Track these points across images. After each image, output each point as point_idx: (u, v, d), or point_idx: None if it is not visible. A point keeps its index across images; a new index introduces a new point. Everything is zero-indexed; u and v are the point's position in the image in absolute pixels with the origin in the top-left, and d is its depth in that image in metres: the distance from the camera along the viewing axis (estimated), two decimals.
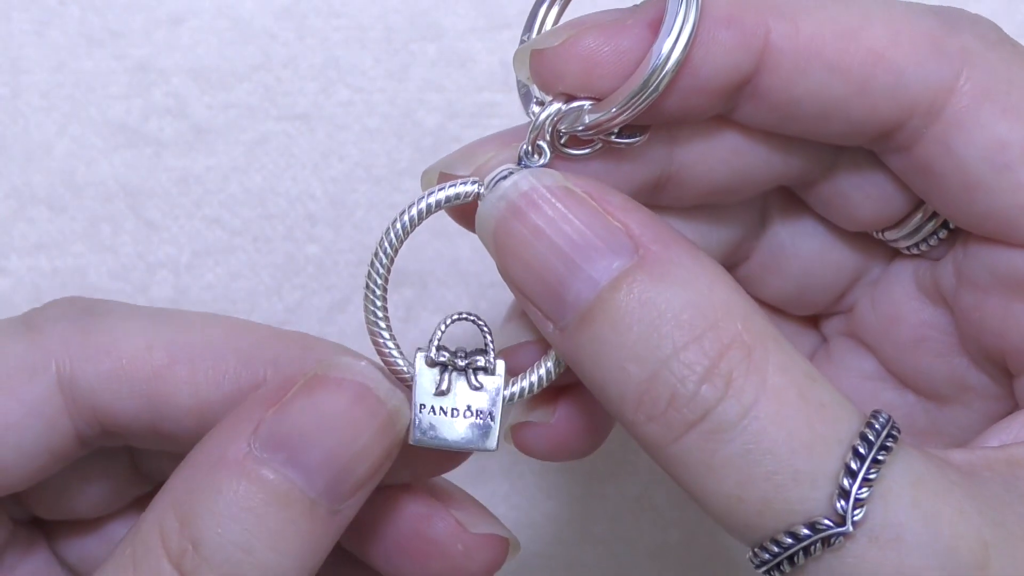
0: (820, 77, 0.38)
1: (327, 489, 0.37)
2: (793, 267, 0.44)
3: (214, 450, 0.37)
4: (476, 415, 0.39)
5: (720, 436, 0.35)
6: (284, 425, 0.37)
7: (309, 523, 0.37)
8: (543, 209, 0.37)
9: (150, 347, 0.41)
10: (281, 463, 0.37)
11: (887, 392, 0.44)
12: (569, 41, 0.38)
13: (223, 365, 0.41)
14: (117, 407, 0.41)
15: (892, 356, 0.44)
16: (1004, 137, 0.38)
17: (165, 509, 0.37)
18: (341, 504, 0.37)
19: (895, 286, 0.44)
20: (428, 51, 0.58)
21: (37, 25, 0.57)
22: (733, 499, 0.36)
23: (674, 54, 0.37)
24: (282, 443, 0.37)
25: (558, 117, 0.39)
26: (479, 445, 0.39)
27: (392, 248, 0.39)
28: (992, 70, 0.38)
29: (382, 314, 0.40)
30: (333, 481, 0.37)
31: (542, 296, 0.37)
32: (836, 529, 0.35)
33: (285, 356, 0.41)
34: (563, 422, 0.42)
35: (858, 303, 0.45)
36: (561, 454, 0.42)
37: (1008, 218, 0.39)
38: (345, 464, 0.37)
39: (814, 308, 0.45)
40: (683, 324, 0.36)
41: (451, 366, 0.39)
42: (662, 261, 0.36)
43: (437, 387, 0.39)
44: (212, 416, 0.41)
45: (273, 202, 0.58)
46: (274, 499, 0.36)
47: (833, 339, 0.46)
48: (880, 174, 0.42)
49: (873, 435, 0.35)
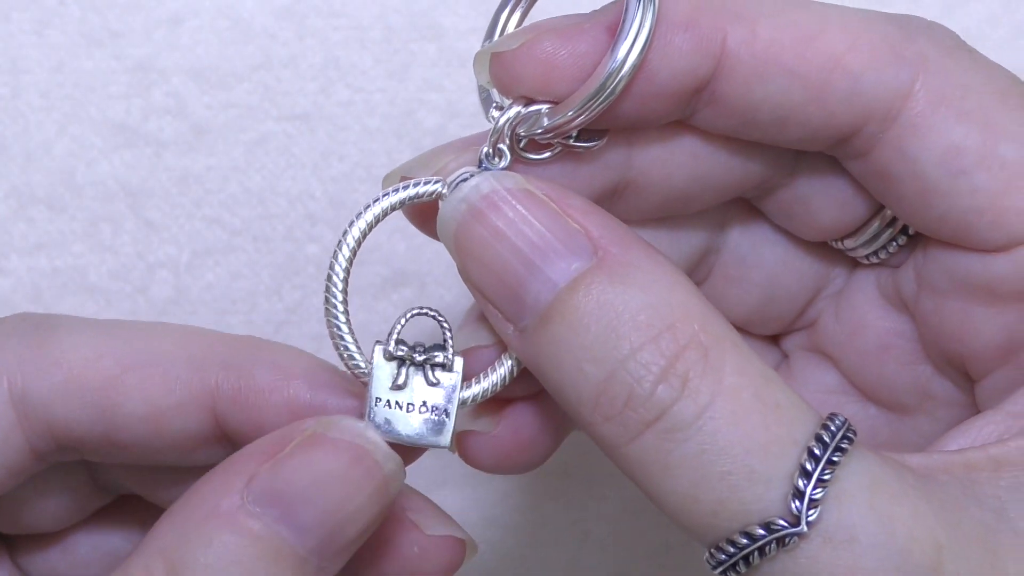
0: (778, 82, 0.38)
1: (318, 547, 0.37)
2: (756, 278, 0.44)
3: (206, 500, 0.37)
4: (432, 411, 0.39)
5: (676, 436, 0.35)
6: (279, 481, 0.37)
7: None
8: (503, 211, 0.37)
9: (100, 357, 0.41)
10: (274, 519, 0.37)
11: (849, 405, 0.44)
12: (527, 44, 0.38)
13: (173, 372, 0.41)
14: (70, 419, 0.41)
15: (856, 366, 0.44)
16: (959, 142, 0.38)
17: (153, 555, 0.37)
18: (330, 562, 0.37)
19: (858, 295, 0.44)
20: (428, 51, 0.58)
21: (37, 25, 0.57)
22: (689, 499, 0.36)
23: (630, 58, 0.37)
24: (276, 499, 0.37)
25: (517, 120, 0.39)
26: (433, 441, 0.39)
27: (353, 246, 0.40)
28: (948, 76, 0.39)
29: (342, 308, 0.40)
30: (325, 540, 0.37)
31: (502, 297, 0.37)
32: (791, 529, 0.35)
33: (235, 360, 0.41)
34: (507, 433, 0.42)
35: (821, 315, 0.45)
36: (505, 466, 0.42)
37: (964, 222, 0.39)
38: (338, 524, 0.37)
39: (778, 323, 0.45)
40: (640, 325, 0.36)
41: (409, 361, 0.39)
42: (620, 263, 0.36)
43: (394, 381, 0.39)
44: (165, 423, 0.41)
45: (273, 202, 0.58)
46: (264, 554, 0.36)
47: (794, 354, 0.46)
48: (839, 179, 0.42)
49: (828, 436, 0.36)
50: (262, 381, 0.41)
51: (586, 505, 0.60)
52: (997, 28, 0.58)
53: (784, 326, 0.45)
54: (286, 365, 0.42)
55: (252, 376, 0.41)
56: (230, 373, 0.41)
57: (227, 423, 0.41)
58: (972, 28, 0.58)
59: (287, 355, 0.42)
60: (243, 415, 0.41)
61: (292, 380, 0.41)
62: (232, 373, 0.41)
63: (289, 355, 0.42)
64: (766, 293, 0.44)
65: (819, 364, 0.45)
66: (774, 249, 0.44)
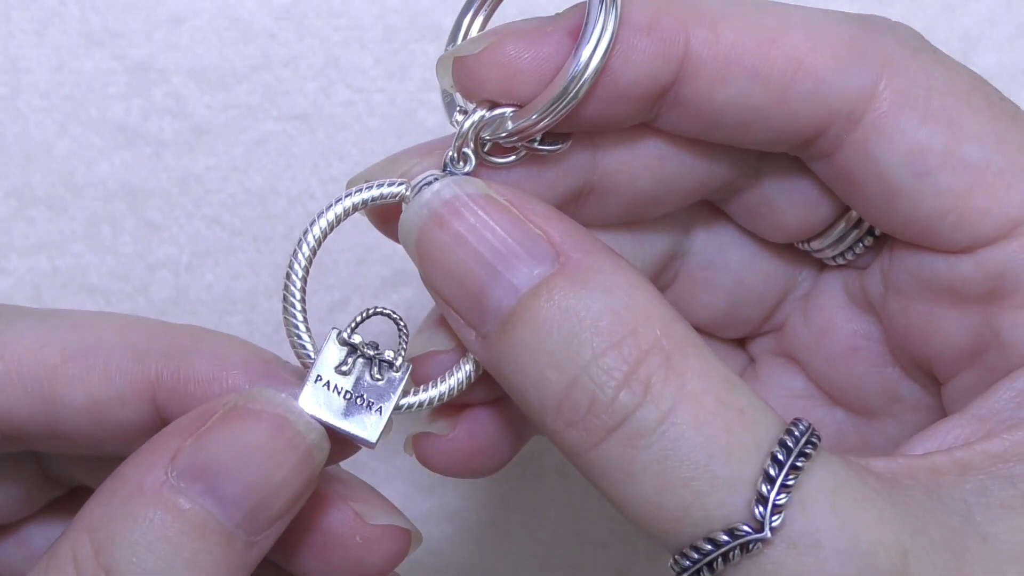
0: (741, 84, 0.38)
1: (244, 520, 0.37)
2: (723, 281, 0.44)
3: (131, 478, 0.37)
4: (367, 406, 0.39)
5: (638, 442, 0.35)
6: (202, 455, 0.37)
7: (225, 554, 0.37)
8: (465, 216, 0.37)
9: (42, 347, 0.41)
10: (199, 493, 0.36)
11: (816, 410, 0.44)
12: (490, 48, 0.38)
13: (114, 362, 0.41)
14: (12, 409, 0.41)
15: (823, 370, 0.44)
16: (924, 143, 0.38)
17: (80, 535, 0.37)
18: (258, 536, 0.37)
19: (826, 298, 0.44)
20: (428, 51, 0.58)
21: (37, 25, 0.57)
22: (652, 505, 0.35)
23: (593, 61, 0.37)
24: (200, 473, 0.37)
25: (481, 124, 0.39)
26: (360, 434, 0.39)
27: (314, 244, 0.40)
28: (912, 76, 0.38)
29: (299, 305, 0.40)
30: (251, 513, 0.37)
31: (464, 303, 0.37)
32: (754, 535, 0.35)
33: (176, 348, 0.41)
34: (463, 437, 0.42)
35: (789, 318, 0.45)
36: (461, 470, 0.42)
37: (929, 223, 0.39)
38: (264, 496, 0.37)
39: (746, 326, 0.45)
40: (602, 330, 0.36)
41: (359, 351, 0.40)
42: (582, 268, 0.36)
43: (340, 364, 0.39)
44: (105, 414, 0.41)
45: (273, 202, 0.58)
46: (190, 529, 0.36)
47: (761, 359, 0.46)
48: (804, 180, 0.41)
49: (792, 441, 0.35)
50: (201, 371, 0.41)
51: (586, 505, 0.60)
52: (997, 28, 0.58)
53: (751, 329, 0.45)
54: (226, 354, 0.41)
55: (192, 366, 0.41)
56: (170, 363, 0.41)
57: (168, 412, 0.41)
58: (972, 28, 0.58)
59: (228, 345, 0.42)
60: (183, 405, 0.41)
61: (231, 370, 0.41)
62: (172, 363, 0.41)
63: (230, 345, 0.42)
64: (733, 296, 0.44)
65: (786, 368, 0.45)
66: (740, 251, 0.44)
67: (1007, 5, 0.57)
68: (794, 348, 0.45)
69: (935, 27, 0.57)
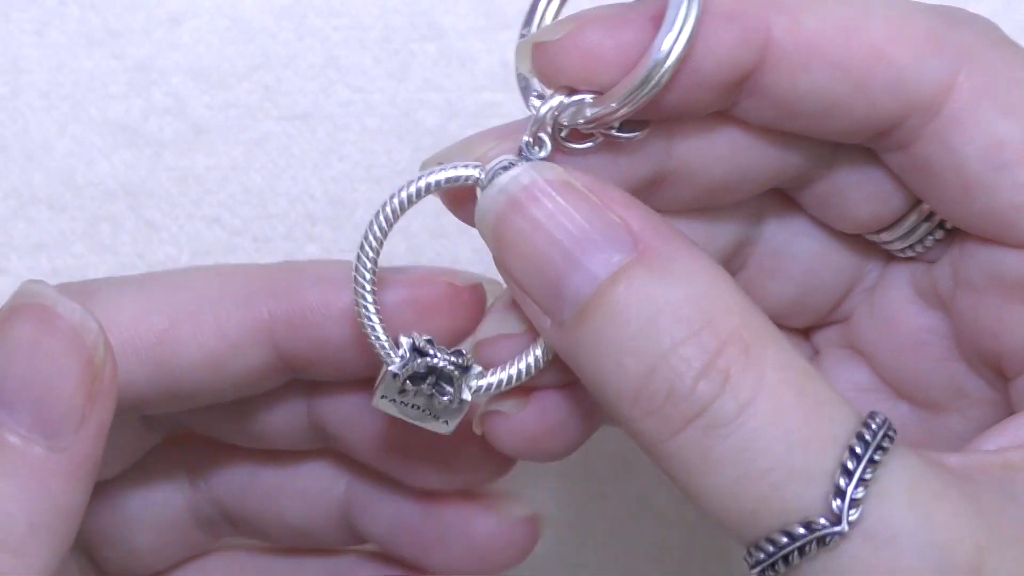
0: (821, 73, 0.38)
1: (35, 423, 0.36)
2: (793, 269, 0.44)
3: None
4: (435, 417, 0.40)
5: (717, 432, 0.35)
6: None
7: (26, 461, 0.36)
8: (543, 203, 0.37)
9: (147, 313, 0.41)
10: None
11: (881, 403, 0.44)
12: (571, 34, 0.38)
13: (224, 313, 0.41)
14: (130, 380, 0.40)
15: (889, 363, 0.44)
16: (1003, 136, 0.38)
17: None
18: (62, 440, 0.36)
19: (893, 290, 0.44)
20: (428, 51, 0.58)
21: (37, 25, 0.57)
22: (729, 496, 0.35)
23: (675, 50, 0.37)
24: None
25: (560, 111, 0.39)
26: (436, 429, 0.39)
27: (387, 223, 0.39)
28: (992, 69, 0.38)
29: (372, 307, 0.39)
30: (37, 412, 0.36)
31: (540, 290, 0.37)
32: (832, 528, 0.35)
33: (281, 285, 0.41)
34: (534, 416, 0.41)
35: (856, 310, 0.45)
36: (529, 451, 0.41)
37: (1005, 218, 0.39)
38: (43, 391, 0.36)
39: (813, 315, 0.45)
40: (681, 319, 0.35)
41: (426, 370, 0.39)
42: (661, 257, 0.36)
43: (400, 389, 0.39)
44: (225, 366, 0.41)
45: (273, 202, 0.58)
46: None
47: (825, 350, 0.45)
48: (878, 172, 0.41)
49: (869, 435, 0.35)
50: (312, 300, 0.41)
51: (587, 505, 0.60)
52: None
53: (818, 319, 0.45)
54: (332, 276, 0.41)
55: (303, 296, 0.41)
56: (280, 301, 0.41)
57: (287, 350, 0.41)
58: None
59: (331, 268, 0.42)
60: (303, 336, 0.41)
61: (343, 288, 0.41)
62: (282, 300, 0.41)
63: (334, 267, 0.42)
64: (802, 286, 0.44)
65: (850, 361, 0.45)
66: (810, 241, 0.44)
67: (1007, 5, 0.57)
68: (859, 340, 0.44)
69: None
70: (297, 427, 0.45)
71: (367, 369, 0.42)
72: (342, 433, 0.44)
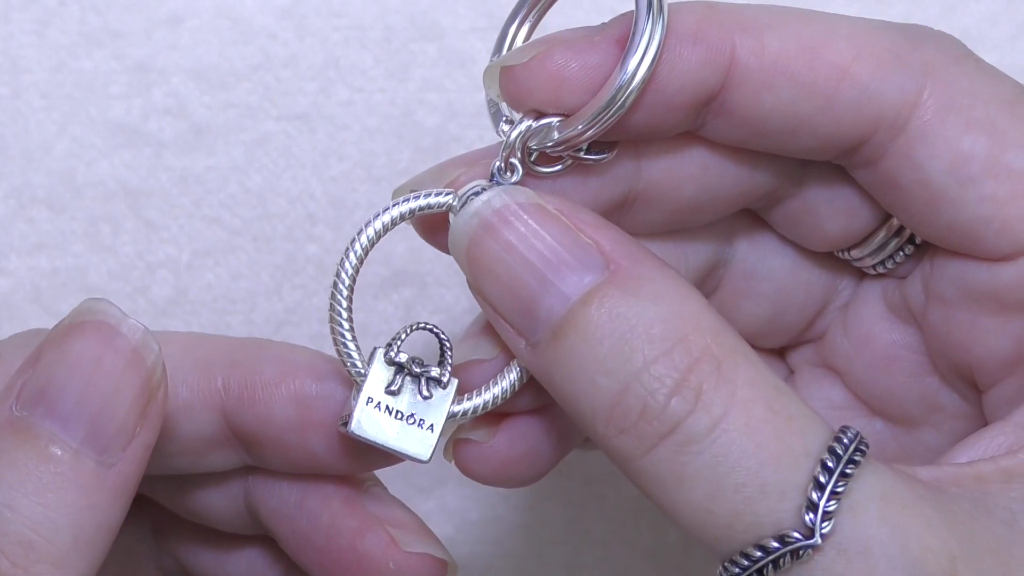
0: (786, 93, 0.38)
1: (88, 437, 0.36)
2: (766, 289, 0.44)
3: None
4: (418, 424, 0.40)
5: (690, 448, 0.35)
6: (39, 379, 0.36)
7: (76, 475, 0.36)
8: (515, 226, 0.37)
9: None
10: (40, 416, 0.36)
11: (856, 421, 0.44)
12: (538, 58, 0.38)
13: (179, 375, 0.41)
14: None
15: (863, 379, 0.44)
16: (967, 150, 0.38)
17: None
18: (111, 456, 0.37)
19: (865, 307, 0.44)
20: (428, 51, 0.58)
21: (37, 25, 0.57)
22: (703, 512, 0.36)
23: (640, 71, 0.38)
24: (39, 397, 0.36)
25: (528, 134, 0.39)
26: (412, 452, 0.40)
27: (361, 253, 0.40)
28: (955, 84, 0.39)
29: (346, 315, 0.40)
30: (91, 427, 0.36)
31: (514, 312, 0.37)
32: (805, 542, 0.35)
33: (240, 358, 0.42)
34: (503, 445, 0.41)
35: (829, 328, 0.45)
36: (499, 478, 0.42)
37: (972, 231, 0.39)
38: (100, 407, 0.36)
39: (787, 335, 0.45)
40: (654, 338, 0.36)
41: (407, 369, 0.40)
42: (633, 276, 0.36)
43: (388, 385, 0.39)
44: (174, 427, 0.41)
45: (273, 202, 0.58)
46: (36, 452, 0.36)
47: (799, 370, 0.46)
48: (846, 188, 0.42)
49: (841, 449, 0.36)
50: (267, 376, 0.41)
51: (586, 505, 0.60)
52: (997, 28, 0.58)
53: (792, 338, 0.45)
54: (290, 359, 0.42)
55: (258, 372, 0.41)
56: (236, 371, 0.41)
57: (236, 421, 0.41)
58: (972, 28, 0.58)
59: (291, 351, 0.42)
60: (252, 411, 0.41)
61: (297, 372, 0.41)
62: (238, 371, 0.41)
63: (293, 351, 0.42)
64: (775, 305, 0.44)
65: (825, 379, 0.45)
66: (782, 260, 0.44)
67: (1007, 5, 0.57)
68: (834, 358, 0.45)
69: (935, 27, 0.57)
70: (236, 511, 0.45)
71: (308, 460, 0.42)
72: (271, 523, 0.44)
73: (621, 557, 0.61)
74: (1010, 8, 0.57)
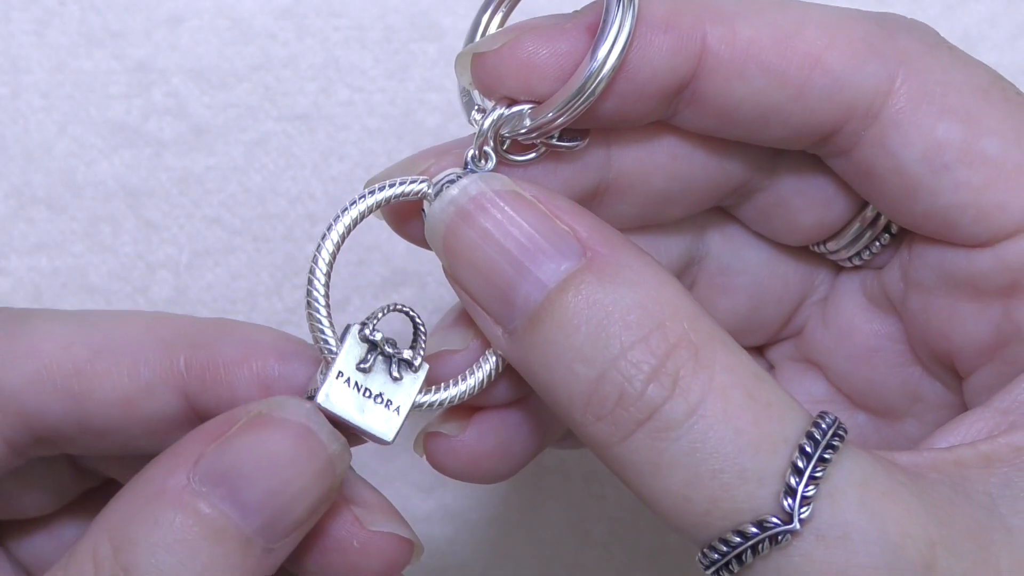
0: (758, 81, 0.38)
1: (263, 527, 0.37)
2: (741, 285, 0.44)
3: (154, 480, 0.37)
4: (385, 404, 0.40)
5: (667, 435, 0.35)
6: (225, 461, 0.37)
7: (242, 559, 0.37)
8: (491, 213, 0.37)
9: (70, 344, 0.41)
10: (219, 498, 0.37)
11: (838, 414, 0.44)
12: (508, 45, 0.38)
13: (142, 355, 0.41)
14: (44, 409, 0.41)
15: (844, 372, 0.44)
16: (941, 138, 0.38)
17: (100, 534, 0.37)
18: (276, 543, 0.37)
19: (844, 300, 0.44)
20: (428, 51, 0.58)
21: (37, 25, 0.57)
22: (681, 498, 0.36)
23: (610, 58, 0.38)
24: (222, 478, 0.37)
25: (500, 122, 0.39)
26: (377, 433, 0.39)
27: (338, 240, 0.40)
28: (928, 72, 0.39)
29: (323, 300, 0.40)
30: (270, 520, 0.37)
31: (491, 299, 0.37)
32: (783, 527, 0.35)
33: (203, 337, 0.41)
34: (473, 439, 0.41)
35: (808, 322, 0.45)
36: (469, 473, 0.42)
37: (948, 218, 0.39)
38: (283, 504, 0.37)
39: (766, 331, 0.45)
40: (630, 324, 0.36)
41: (379, 348, 0.40)
42: (609, 263, 0.36)
43: (360, 361, 0.39)
44: (136, 407, 0.41)
45: (273, 202, 0.58)
46: (209, 533, 0.36)
47: (780, 365, 0.46)
48: (819, 179, 0.42)
49: (819, 434, 0.36)
50: (229, 356, 0.41)
51: (586, 505, 0.60)
52: (997, 28, 0.58)
53: (771, 335, 0.45)
54: (254, 339, 0.42)
55: (219, 352, 0.41)
56: (197, 351, 0.41)
57: (198, 402, 0.41)
58: (972, 28, 0.58)
59: (255, 331, 0.42)
60: (213, 392, 0.41)
61: (259, 353, 0.41)
62: (200, 351, 0.41)
63: (257, 331, 0.42)
64: (752, 300, 0.44)
65: (806, 373, 0.45)
66: (756, 254, 0.44)
67: (1007, 5, 0.57)
68: (814, 352, 0.45)
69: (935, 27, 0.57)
70: None
71: None
72: None
73: (621, 557, 0.61)
74: (1010, 8, 0.58)
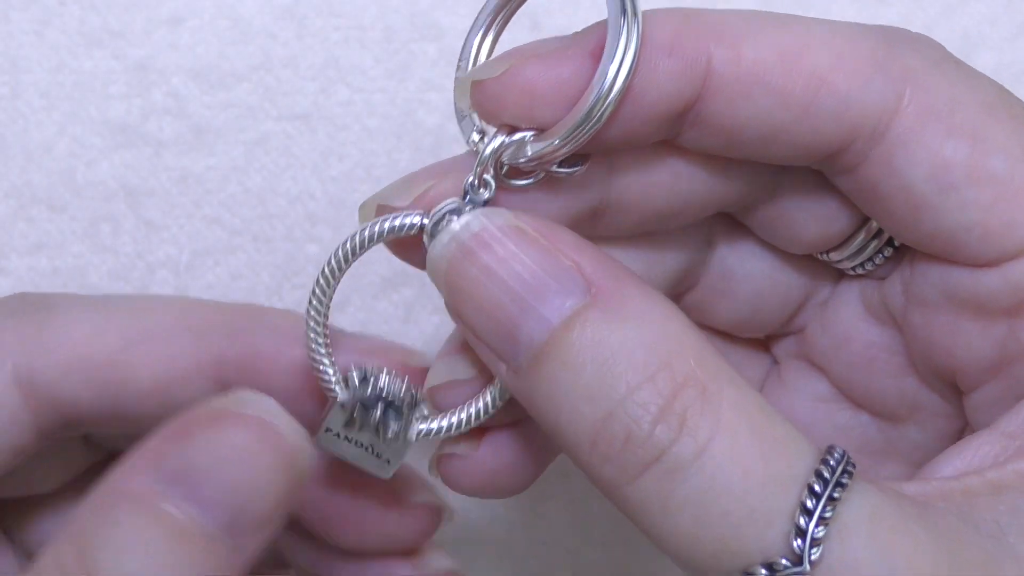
0: (763, 102, 0.38)
1: (227, 524, 0.36)
2: (743, 290, 0.44)
3: (116, 484, 0.37)
4: (377, 455, 0.40)
5: (676, 476, 0.35)
6: (185, 459, 0.36)
7: (208, 558, 0.36)
8: (495, 249, 0.37)
9: (103, 334, 0.41)
10: (181, 497, 0.36)
11: (841, 413, 0.44)
12: (510, 72, 0.38)
13: (177, 344, 0.41)
14: (77, 397, 0.41)
15: (844, 377, 0.44)
16: (948, 157, 0.38)
17: (63, 542, 0.36)
18: (242, 540, 0.37)
19: (843, 307, 0.44)
20: (428, 51, 0.58)
21: (37, 25, 0.57)
22: (690, 539, 0.35)
23: (617, 83, 0.37)
24: (182, 477, 0.36)
25: (502, 150, 0.38)
26: (373, 471, 0.40)
27: (332, 278, 0.39)
28: (935, 90, 0.38)
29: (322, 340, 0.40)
30: (234, 517, 0.36)
31: (495, 336, 0.37)
32: (793, 569, 0.35)
33: (236, 327, 0.42)
34: (487, 456, 0.41)
35: (809, 325, 0.45)
36: (485, 489, 0.42)
37: (954, 237, 0.39)
38: (246, 500, 0.36)
39: (765, 330, 0.45)
40: (636, 363, 0.35)
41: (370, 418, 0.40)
42: (614, 299, 0.36)
43: (347, 423, 0.40)
44: (171, 395, 0.41)
45: (273, 202, 0.58)
46: (173, 533, 0.36)
47: (785, 361, 0.45)
48: (823, 193, 0.41)
49: (828, 471, 0.35)
50: (265, 347, 0.42)
51: (586, 505, 0.60)
52: (997, 28, 0.58)
53: (772, 331, 0.45)
54: (287, 329, 0.42)
55: (254, 343, 0.42)
56: (232, 342, 0.42)
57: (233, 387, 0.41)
58: (972, 28, 0.58)
59: (286, 319, 0.42)
60: (249, 381, 0.41)
61: (293, 343, 0.42)
62: (235, 341, 0.42)
63: (288, 319, 0.42)
64: (752, 304, 0.44)
65: (810, 372, 0.45)
66: (760, 263, 0.44)
67: (1007, 5, 0.57)
68: (814, 354, 0.44)
69: (935, 27, 0.57)
70: None
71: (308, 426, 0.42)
72: None
73: (622, 557, 0.61)
74: (1010, 8, 0.57)
